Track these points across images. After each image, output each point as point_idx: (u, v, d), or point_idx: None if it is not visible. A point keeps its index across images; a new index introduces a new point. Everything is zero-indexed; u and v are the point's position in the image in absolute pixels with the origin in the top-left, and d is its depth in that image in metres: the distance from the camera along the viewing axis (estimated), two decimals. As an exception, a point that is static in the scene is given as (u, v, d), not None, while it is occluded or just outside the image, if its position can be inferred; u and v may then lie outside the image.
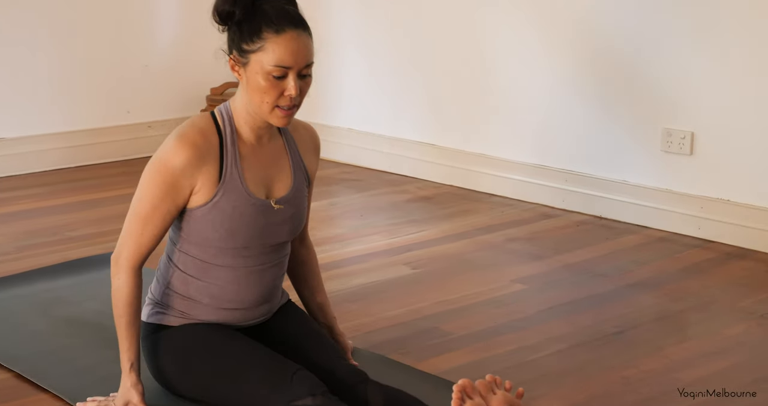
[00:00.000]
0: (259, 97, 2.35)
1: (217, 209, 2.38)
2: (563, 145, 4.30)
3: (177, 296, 2.48)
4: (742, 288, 3.43)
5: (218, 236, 2.40)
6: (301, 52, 2.33)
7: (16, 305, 3.16)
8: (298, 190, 2.50)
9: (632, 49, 4.02)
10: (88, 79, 4.94)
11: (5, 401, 2.56)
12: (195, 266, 2.45)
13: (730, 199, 3.85)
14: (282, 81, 2.33)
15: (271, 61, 2.31)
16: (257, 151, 2.45)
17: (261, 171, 2.44)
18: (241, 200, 2.39)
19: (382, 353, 2.85)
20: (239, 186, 2.39)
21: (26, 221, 4.06)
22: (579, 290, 3.41)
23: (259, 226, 2.42)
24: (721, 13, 3.77)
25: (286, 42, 2.31)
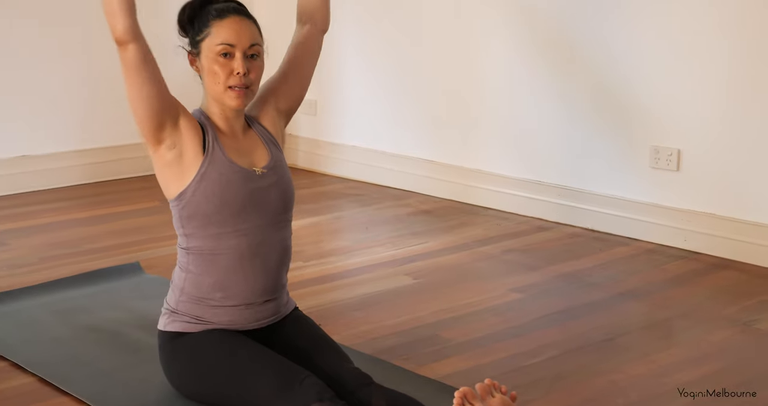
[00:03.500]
0: (212, 80, 2.47)
1: (205, 179, 2.44)
2: (557, 162, 4.31)
3: (190, 301, 2.50)
4: (725, 297, 3.43)
5: (213, 207, 2.44)
6: (244, 32, 2.45)
7: (39, 312, 3.17)
8: (276, 160, 2.56)
9: (622, 73, 4.03)
10: (106, 102, 4.95)
11: (29, 403, 2.57)
12: (203, 260, 2.48)
13: (714, 213, 3.86)
14: (230, 61, 2.44)
15: (216, 41, 2.44)
16: (234, 139, 2.53)
17: (241, 152, 2.52)
18: (225, 168, 2.46)
19: (385, 359, 2.85)
20: (222, 157, 2.46)
21: (49, 233, 4.07)
22: (572, 298, 3.42)
23: (247, 190, 2.48)
24: (705, 39, 3.78)
25: (228, 24, 2.45)
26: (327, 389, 2.30)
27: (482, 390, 2.14)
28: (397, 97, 4.86)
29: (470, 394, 2.09)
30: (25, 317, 3.14)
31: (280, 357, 2.42)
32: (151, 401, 2.54)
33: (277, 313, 2.58)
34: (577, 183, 4.25)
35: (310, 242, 3.96)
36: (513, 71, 4.40)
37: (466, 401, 2.08)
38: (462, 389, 2.08)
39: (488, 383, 2.16)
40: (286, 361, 2.40)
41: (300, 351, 2.52)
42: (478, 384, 2.14)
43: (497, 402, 2.12)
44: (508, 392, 2.19)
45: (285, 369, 2.36)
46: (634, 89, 4.02)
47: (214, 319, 2.49)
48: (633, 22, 3.97)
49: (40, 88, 4.75)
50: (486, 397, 2.13)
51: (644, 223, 4.04)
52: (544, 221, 4.32)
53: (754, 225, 3.75)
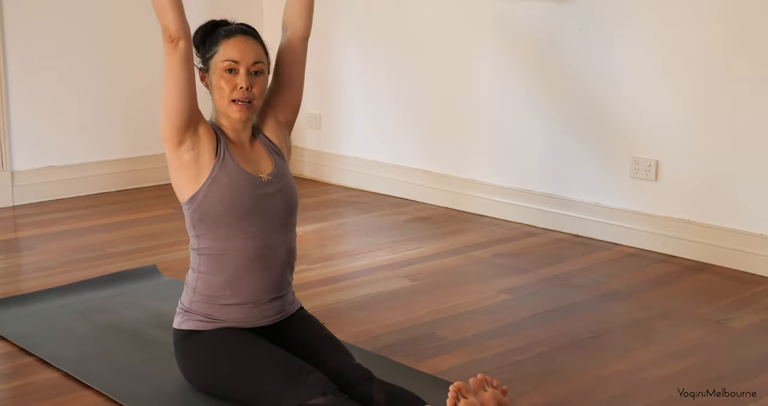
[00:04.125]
0: (219, 94, 2.49)
1: (216, 182, 2.45)
2: (544, 172, 4.31)
3: (202, 301, 2.50)
4: (701, 298, 3.43)
5: (222, 209, 2.45)
6: (248, 50, 2.48)
7: (63, 312, 3.17)
8: (280, 168, 2.57)
9: (605, 90, 4.04)
10: (126, 116, 4.96)
11: (55, 396, 2.57)
12: (213, 261, 2.48)
13: (690, 219, 3.86)
14: (234, 76, 2.46)
15: (222, 57, 2.47)
16: (242, 149, 2.54)
17: (248, 161, 2.53)
18: (234, 173, 2.47)
19: (385, 355, 2.85)
20: (232, 163, 2.47)
21: (72, 238, 4.07)
22: (558, 299, 3.41)
23: (254, 195, 2.48)
24: (682, 58, 3.79)
25: (234, 43, 2.48)
26: (330, 383, 2.30)
27: (475, 385, 2.13)
28: (397, 113, 4.86)
29: (464, 388, 2.09)
30: (50, 316, 3.13)
31: (286, 354, 2.41)
32: (167, 395, 2.54)
33: (283, 311, 2.58)
34: (562, 192, 4.25)
35: (315, 247, 3.96)
36: (504, 90, 4.40)
37: (460, 394, 2.07)
38: (456, 384, 2.08)
39: (481, 377, 2.15)
40: (292, 357, 2.40)
41: (305, 348, 2.51)
42: (472, 379, 2.14)
43: (489, 396, 2.11)
44: (499, 386, 2.18)
45: (291, 365, 2.36)
46: (616, 105, 4.02)
47: (225, 317, 2.49)
48: (614, 41, 3.98)
49: (65, 106, 4.75)
50: (479, 391, 2.12)
51: (625, 229, 4.03)
52: (532, 227, 4.32)
53: (727, 231, 3.75)
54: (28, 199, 4.64)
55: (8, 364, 2.78)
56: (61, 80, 4.72)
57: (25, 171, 4.65)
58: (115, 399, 2.53)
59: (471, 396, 2.09)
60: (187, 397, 2.51)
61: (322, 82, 5.13)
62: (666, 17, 3.82)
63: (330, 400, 2.25)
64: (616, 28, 3.97)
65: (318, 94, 5.16)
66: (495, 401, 2.11)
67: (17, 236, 4.13)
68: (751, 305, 3.35)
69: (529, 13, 4.24)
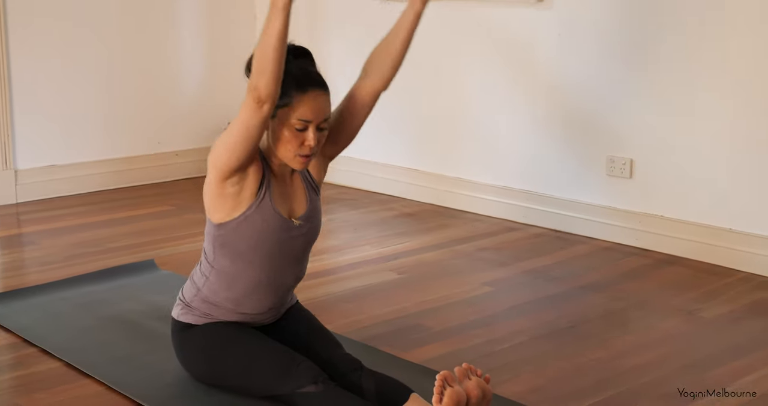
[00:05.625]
0: (283, 146, 2.33)
1: (249, 221, 2.35)
2: (525, 170, 4.31)
3: (204, 301, 2.47)
4: (673, 289, 3.43)
5: (247, 246, 2.38)
6: (321, 109, 2.32)
7: (65, 305, 3.15)
8: (313, 208, 2.47)
9: (582, 93, 4.04)
10: (126, 116, 4.93)
11: (56, 385, 2.56)
12: (223, 278, 2.43)
13: (663, 214, 3.86)
14: (303, 133, 2.31)
15: (295, 116, 2.29)
16: (282, 183, 2.42)
17: (285, 196, 2.42)
18: (268, 215, 2.37)
19: (373, 345, 2.84)
20: (268, 204, 2.37)
21: (73, 234, 4.05)
22: (538, 291, 3.41)
23: (281, 239, 2.40)
24: (655, 62, 3.79)
25: (309, 100, 2.29)
26: (321, 372, 2.29)
27: (460, 373, 2.13)
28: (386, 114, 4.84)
29: (450, 377, 2.09)
30: (52, 308, 3.12)
31: (279, 345, 2.41)
32: (166, 384, 2.53)
33: (279, 314, 2.56)
34: (542, 189, 4.25)
35: (307, 242, 3.94)
36: (488, 93, 4.40)
37: (446, 383, 2.07)
38: (442, 373, 2.08)
39: (465, 367, 2.15)
40: (284, 347, 2.39)
41: (297, 339, 2.51)
42: (456, 368, 2.14)
43: (473, 384, 2.11)
44: (482, 374, 2.18)
45: (283, 355, 2.35)
46: (592, 107, 4.03)
47: (223, 318, 2.47)
48: (590, 46, 3.98)
49: (67, 106, 4.72)
50: (463, 379, 2.12)
51: (601, 224, 4.04)
52: (513, 222, 4.32)
53: (697, 226, 3.75)
54: (30, 196, 4.62)
55: (12, 354, 2.77)
56: (64, 82, 4.69)
57: (28, 169, 4.63)
58: (114, 388, 2.51)
59: (456, 384, 2.09)
60: (185, 386, 2.50)
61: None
62: (639, 21, 3.82)
63: (320, 388, 2.25)
64: (592, 32, 3.96)
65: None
66: (479, 389, 2.11)
67: (20, 232, 4.11)
68: (720, 296, 3.36)
69: (510, 17, 4.24)
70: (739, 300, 3.31)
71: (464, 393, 2.08)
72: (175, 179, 5.12)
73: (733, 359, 2.79)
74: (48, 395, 2.50)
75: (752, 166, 3.59)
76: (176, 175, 5.14)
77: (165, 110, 5.08)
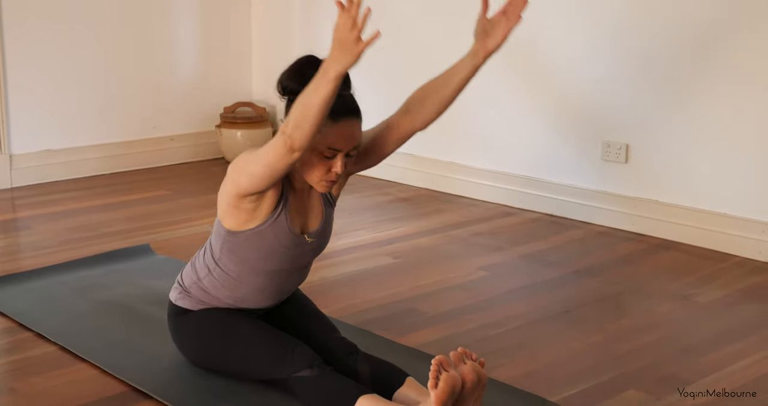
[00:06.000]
0: (309, 171, 2.26)
1: (261, 235, 2.32)
2: (521, 155, 4.30)
3: (203, 292, 2.45)
4: (668, 274, 3.43)
5: (256, 257, 2.35)
6: (352, 138, 2.23)
7: (60, 289, 3.14)
8: (326, 222, 2.44)
9: (578, 77, 4.03)
10: (121, 101, 4.91)
11: (52, 369, 2.55)
12: (227, 279, 2.41)
13: (658, 199, 3.86)
14: (331, 160, 2.23)
15: (325, 144, 2.20)
16: (300, 197, 2.37)
17: (300, 210, 2.38)
18: (282, 233, 2.33)
19: (369, 329, 2.84)
20: (283, 223, 2.32)
21: (70, 219, 4.04)
22: (533, 276, 3.41)
23: (291, 254, 2.38)
24: (650, 45, 3.78)
25: (340, 129, 2.20)
26: (317, 356, 2.29)
27: (455, 358, 2.12)
28: (381, 98, 4.83)
29: (445, 361, 2.08)
30: (47, 292, 3.11)
31: (274, 329, 2.40)
32: (161, 368, 2.52)
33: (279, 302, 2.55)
34: (537, 174, 4.24)
35: (302, 226, 3.94)
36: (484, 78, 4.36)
37: (442, 368, 2.06)
38: (438, 357, 2.07)
39: (461, 351, 2.14)
40: (279, 332, 2.38)
41: (293, 323, 2.50)
42: (452, 352, 2.13)
43: (468, 368, 2.11)
44: (478, 359, 2.17)
45: (279, 340, 2.34)
46: (588, 91, 4.01)
47: (220, 306, 2.46)
48: (584, 30, 3.96)
49: (62, 91, 4.70)
50: (459, 364, 2.12)
51: (596, 208, 4.03)
52: (508, 207, 4.31)
53: (692, 210, 3.75)
54: (26, 181, 4.60)
55: (7, 339, 2.76)
56: (59, 66, 4.67)
57: (23, 154, 4.60)
58: (110, 372, 2.51)
59: (452, 369, 2.08)
60: (180, 370, 2.49)
61: (308, 69, 5.08)
62: (635, 5, 3.80)
63: (316, 372, 2.24)
64: (587, 15, 3.94)
65: (304, 81, 5.11)
66: (474, 374, 2.10)
67: (16, 217, 4.09)
68: (715, 280, 3.35)
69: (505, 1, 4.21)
70: (734, 285, 3.30)
71: (459, 378, 2.08)
72: (170, 164, 5.10)
73: (728, 344, 2.79)
74: (43, 380, 2.49)
75: (747, 151, 3.58)
76: (171, 160, 5.12)
77: (160, 95, 5.05)
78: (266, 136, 5.17)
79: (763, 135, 3.54)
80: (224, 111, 5.17)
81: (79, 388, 2.45)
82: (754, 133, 3.56)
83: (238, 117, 5.10)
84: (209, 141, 5.25)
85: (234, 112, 5.15)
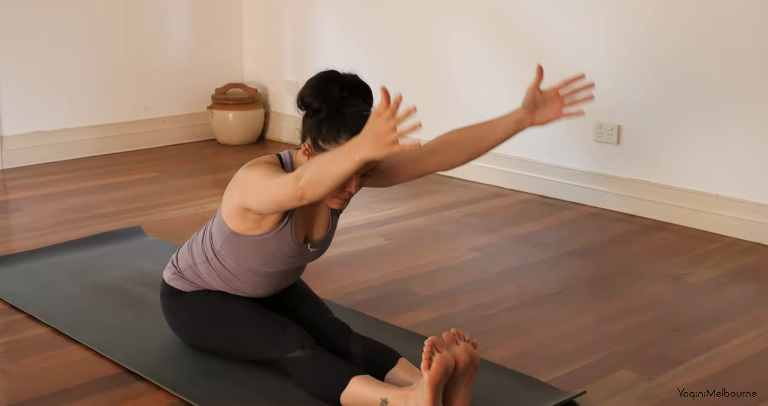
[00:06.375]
0: None
1: (264, 244, 2.30)
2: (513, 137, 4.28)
3: (198, 276, 2.44)
4: (659, 254, 3.43)
5: (257, 261, 2.34)
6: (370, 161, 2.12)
7: (52, 271, 3.13)
8: (331, 232, 2.42)
9: (569, 59, 4.01)
10: (113, 82, 4.88)
11: (44, 351, 2.54)
12: (223, 271, 2.40)
13: (649, 180, 3.85)
14: None
15: None
16: (309, 205, 2.31)
17: (306, 219, 2.36)
18: (285, 245, 2.31)
19: (361, 310, 2.83)
20: (288, 234, 2.30)
21: (61, 200, 4.02)
22: (525, 256, 3.41)
23: (292, 261, 2.37)
24: (642, 25, 3.76)
25: None
26: (309, 337, 2.29)
27: (448, 339, 2.12)
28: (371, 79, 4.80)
29: (438, 342, 2.08)
30: (40, 274, 3.10)
31: (267, 310, 2.40)
32: (154, 350, 2.51)
33: None
34: (529, 155, 4.23)
35: (294, 208, 3.93)
36: (474, 58, 4.36)
37: (435, 349, 2.06)
38: (431, 338, 2.07)
39: (453, 332, 2.14)
40: (271, 313, 2.38)
41: (286, 304, 2.50)
42: (445, 333, 2.13)
43: (461, 349, 2.10)
44: (470, 340, 2.17)
45: (272, 321, 2.34)
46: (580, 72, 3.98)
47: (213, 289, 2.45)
48: (575, 10, 3.94)
49: (53, 72, 4.67)
50: (451, 345, 2.12)
51: (588, 190, 4.03)
52: (500, 188, 4.31)
53: (683, 191, 3.75)
54: (17, 163, 4.58)
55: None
56: (49, 47, 4.63)
57: (15, 136, 4.58)
58: (102, 354, 2.50)
59: (444, 350, 2.08)
60: (173, 351, 2.49)
61: (299, 50, 5.06)
62: (628, -12, 3.79)
63: (308, 353, 2.24)
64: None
65: (296, 62, 5.10)
66: (466, 355, 2.10)
67: (7, 199, 4.07)
68: (706, 261, 3.36)
69: None
70: (724, 265, 3.31)
71: (452, 359, 2.07)
72: (162, 145, 5.08)
73: (719, 324, 2.79)
74: (36, 361, 2.48)
75: (738, 133, 3.58)
76: (163, 141, 5.10)
77: (152, 76, 5.02)
78: (258, 118, 5.15)
79: (756, 116, 3.53)
80: (216, 92, 5.14)
81: (72, 369, 2.44)
82: (746, 114, 3.55)
83: (229, 98, 5.08)
84: (201, 122, 5.22)
85: (225, 94, 5.12)
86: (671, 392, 2.36)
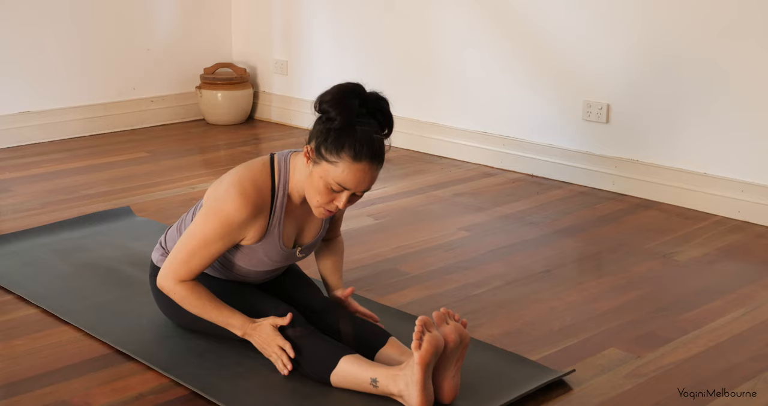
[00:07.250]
0: (312, 194, 2.21)
1: (251, 251, 2.31)
2: (501, 115, 4.28)
3: None
4: (648, 233, 3.44)
5: (244, 264, 2.34)
6: (365, 181, 2.16)
7: (41, 252, 3.11)
8: (320, 236, 2.41)
9: (559, 37, 3.99)
10: (101, 61, 4.84)
11: (34, 332, 2.53)
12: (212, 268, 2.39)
13: (639, 159, 3.85)
14: (337, 194, 2.18)
15: (336, 178, 2.14)
16: (298, 210, 2.32)
17: (296, 225, 2.35)
18: (273, 251, 2.32)
19: (351, 290, 2.83)
20: (276, 241, 2.30)
21: (49, 181, 3.99)
22: (514, 235, 3.40)
23: (280, 265, 2.38)
24: (632, 9, 3.75)
25: (356, 171, 2.13)
26: (299, 316, 2.28)
27: (438, 318, 2.12)
28: (360, 58, 4.79)
29: (428, 322, 2.08)
30: (28, 255, 3.08)
31: (256, 289, 2.39)
32: (143, 329, 2.51)
33: None
34: (518, 134, 4.22)
35: (284, 187, 3.91)
36: (464, 37, 4.34)
37: (425, 328, 2.06)
38: (421, 318, 2.07)
39: (443, 311, 2.14)
40: (261, 292, 2.38)
41: (276, 284, 2.49)
42: (434, 313, 2.13)
43: (451, 329, 2.10)
44: (460, 319, 2.17)
45: (261, 299, 2.34)
46: (570, 51, 3.98)
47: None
48: (568, -9, 3.93)
49: (41, 50, 4.62)
50: (441, 324, 2.12)
51: (577, 169, 4.02)
52: (489, 167, 4.30)
53: (672, 170, 3.75)
54: (5, 143, 4.54)
55: (-12, 302, 2.73)
56: (37, 26, 4.59)
57: (2, 116, 4.54)
58: (92, 334, 2.49)
59: (434, 330, 2.08)
60: (162, 331, 2.48)
61: (288, 29, 5.03)
62: (617, -34, 3.77)
63: (298, 332, 2.24)
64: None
65: (285, 42, 5.07)
66: (456, 334, 2.10)
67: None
68: (694, 239, 3.36)
69: None
70: (712, 243, 3.31)
71: (442, 338, 2.07)
72: (151, 126, 5.05)
73: (706, 302, 2.80)
74: (25, 342, 2.47)
75: (727, 111, 3.58)
76: (151, 121, 5.07)
77: (140, 56, 4.98)
78: (246, 98, 5.12)
79: (743, 95, 3.53)
80: (204, 72, 5.10)
81: (62, 350, 2.43)
82: (734, 93, 3.55)
83: (218, 78, 5.04)
84: (189, 102, 5.19)
85: (214, 73, 5.09)
86: (659, 370, 2.36)
